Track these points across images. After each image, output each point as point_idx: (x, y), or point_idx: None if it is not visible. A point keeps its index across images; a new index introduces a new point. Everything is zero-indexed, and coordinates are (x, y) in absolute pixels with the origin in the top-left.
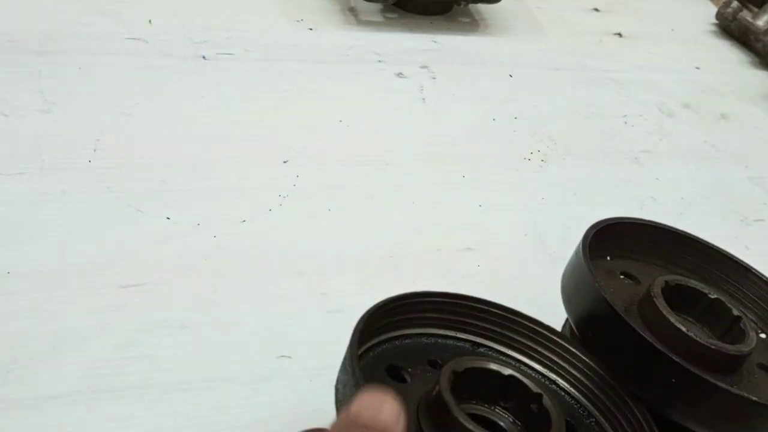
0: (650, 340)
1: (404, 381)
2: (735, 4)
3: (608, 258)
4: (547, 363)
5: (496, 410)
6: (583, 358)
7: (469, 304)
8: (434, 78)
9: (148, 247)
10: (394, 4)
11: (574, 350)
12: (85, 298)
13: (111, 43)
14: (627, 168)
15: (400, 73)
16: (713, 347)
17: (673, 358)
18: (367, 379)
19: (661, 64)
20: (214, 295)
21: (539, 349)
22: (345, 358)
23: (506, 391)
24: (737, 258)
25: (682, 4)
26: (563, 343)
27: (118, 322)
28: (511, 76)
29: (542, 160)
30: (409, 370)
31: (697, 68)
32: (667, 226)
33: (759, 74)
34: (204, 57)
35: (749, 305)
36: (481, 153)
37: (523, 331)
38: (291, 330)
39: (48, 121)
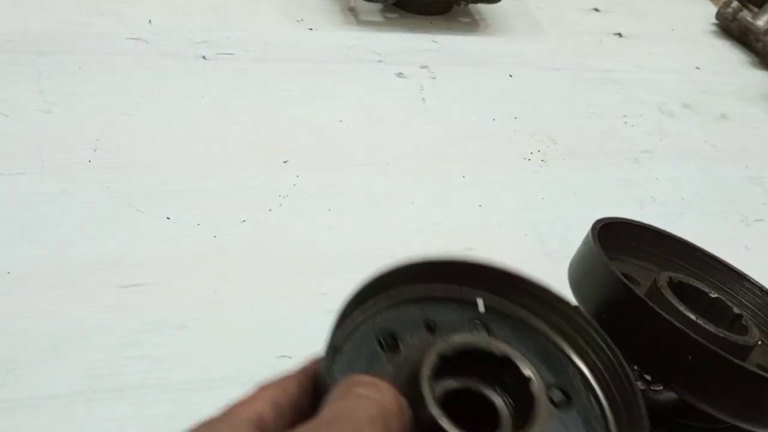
0: (670, 319)
1: (397, 348)
2: (735, 4)
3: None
4: (555, 327)
5: (488, 385)
6: (590, 329)
7: (474, 264)
8: (434, 78)
9: (148, 247)
10: (394, 4)
11: (582, 320)
12: (85, 298)
13: (111, 43)
14: (627, 168)
15: (400, 73)
16: (722, 335)
17: (694, 336)
18: (358, 350)
19: (661, 64)
20: (214, 295)
21: (547, 313)
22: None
23: (498, 369)
24: (732, 266)
25: (682, 4)
26: (572, 312)
27: (118, 322)
28: (511, 76)
29: (542, 160)
30: (405, 336)
31: (697, 68)
32: (666, 231)
33: (759, 74)
34: (204, 57)
35: (744, 311)
36: (481, 153)
37: (534, 294)
38: (291, 330)
39: (48, 121)
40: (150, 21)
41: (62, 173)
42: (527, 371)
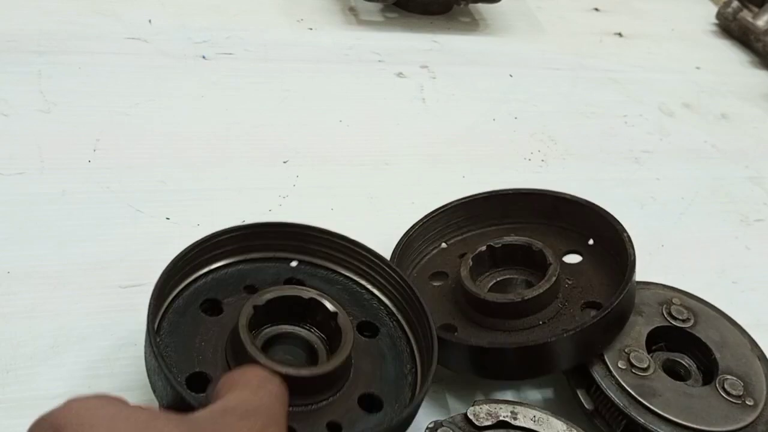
0: None
1: (220, 312)
2: (735, 3)
3: None
4: (358, 271)
5: (303, 327)
6: (386, 267)
7: (286, 230)
8: (434, 78)
9: (148, 247)
10: (394, 4)
11: (379, 261)
12: (85, 298)
13: (111, 43)
14: (627, 168)
15: (400, 73)
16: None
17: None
18: (182, 316)
19: (661, 64)
20: None
21: (351, 260)
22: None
23: (309, 311)
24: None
25: (682, 4)
26: (370, 256)
27: (118, 322)
28: (511, 76)
29: (542, 160)
30: (226, 300)
31: (697, 68)
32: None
33: (759, 74)
34: (204, 57)
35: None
36: (481, 153)
37: (338, 246)
38: None
39: (48, 121)
40: (150, 21)
41: (62, 173)
42: (333, 307)
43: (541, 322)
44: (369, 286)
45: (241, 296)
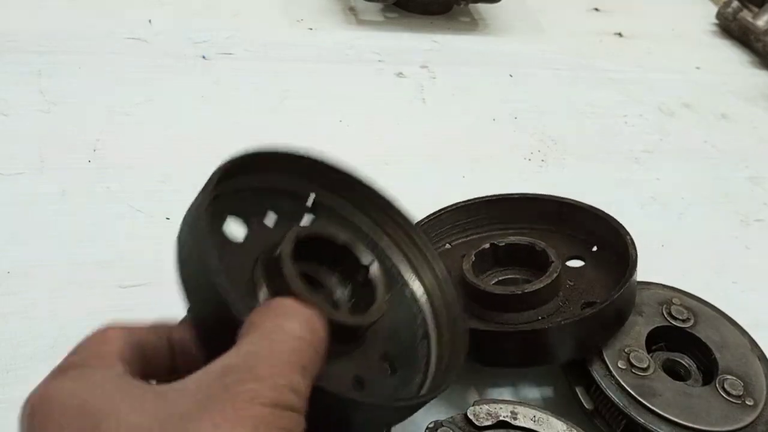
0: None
1: (242, 233)
2: (735, 4)
3: None
4: (380, 229)
5: (327, 271)
6: (426, 251)
7: (319, 161)
8: (434, 78)
9: (148, 247)
10: (394, 4)
11: (413, 235)
12: (85, 298)
13: (111, 43)
14: (627, 168)
15: (400, 73)
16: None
17: None
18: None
19: (661, 64)
20: None
21: (376, 216)
22: (191, 209)
23: (341, 258)
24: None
25: (682, 4)
26: (399, 214)
27: None
28: (511, 76)
29: (542, 160)
30: (248, 222)
31: (697, 68)
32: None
33: (759, 74)
34: (204, 57)
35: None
36: (481, 153)
37: (366, 196)
38: None
39: (48, 121)
40: (150, 21)
41: (62, 173)
42: (367, 259)
43: (540, 318)
44: (398, 262)
45: (263, 223)
